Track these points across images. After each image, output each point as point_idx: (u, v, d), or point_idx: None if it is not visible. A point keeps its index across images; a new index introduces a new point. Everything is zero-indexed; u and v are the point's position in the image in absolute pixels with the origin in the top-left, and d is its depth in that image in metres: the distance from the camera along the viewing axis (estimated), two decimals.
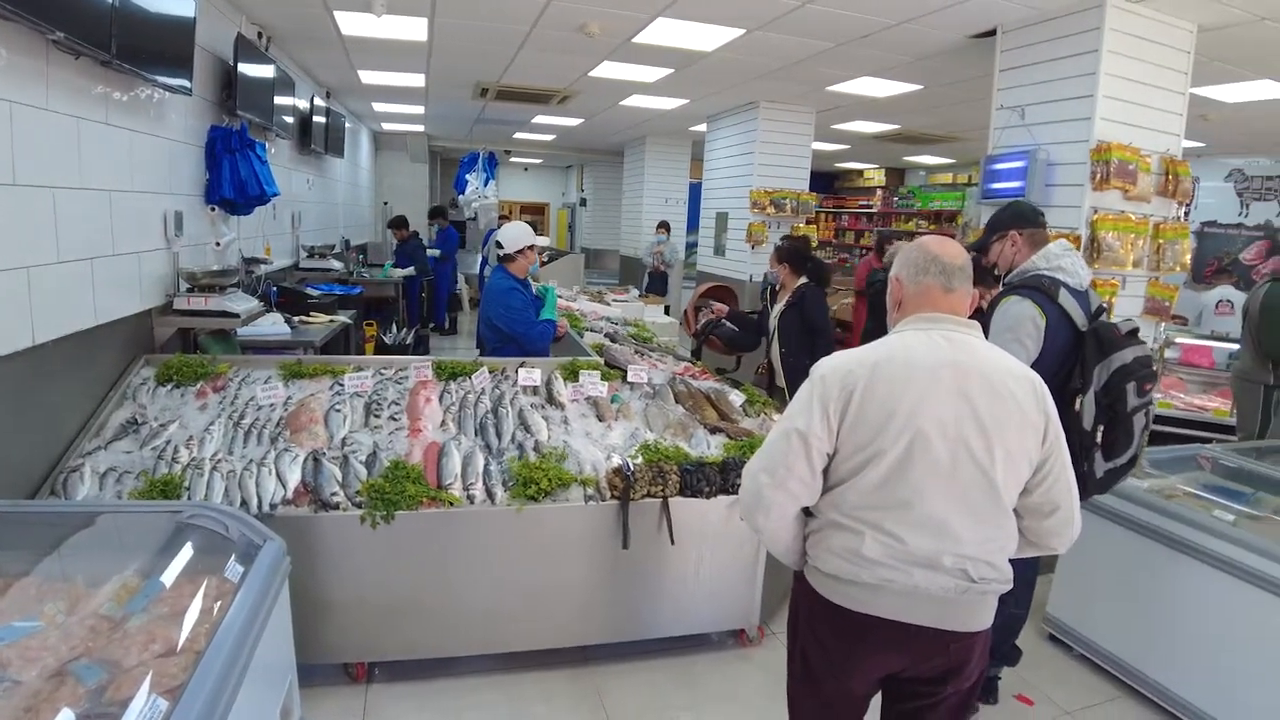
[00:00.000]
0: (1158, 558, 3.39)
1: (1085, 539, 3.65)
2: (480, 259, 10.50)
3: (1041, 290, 2.83)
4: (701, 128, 10.10)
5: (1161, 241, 4.57)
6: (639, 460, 3.24)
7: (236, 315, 4.19)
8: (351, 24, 5.92)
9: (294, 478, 2.96)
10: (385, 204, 13.94)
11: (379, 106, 10.54)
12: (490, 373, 3.83)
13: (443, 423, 3.44)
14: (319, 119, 7.76)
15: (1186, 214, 9.65)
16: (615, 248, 14.70)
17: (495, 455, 3.25)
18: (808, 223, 8.62)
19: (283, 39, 6.40)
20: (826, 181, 16.99)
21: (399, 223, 10.21)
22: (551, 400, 3.68)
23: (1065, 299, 2.81)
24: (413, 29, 6.01)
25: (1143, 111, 4.48)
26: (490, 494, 3.05)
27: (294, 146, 7.25)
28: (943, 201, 13.82)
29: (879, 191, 15.60)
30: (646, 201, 12.51)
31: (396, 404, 3.53)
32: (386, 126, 12.90)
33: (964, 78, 6.24)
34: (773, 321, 4.77)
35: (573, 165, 18.35)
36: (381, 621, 3.02)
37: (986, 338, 1.98)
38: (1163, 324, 4.88)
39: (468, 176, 10.99)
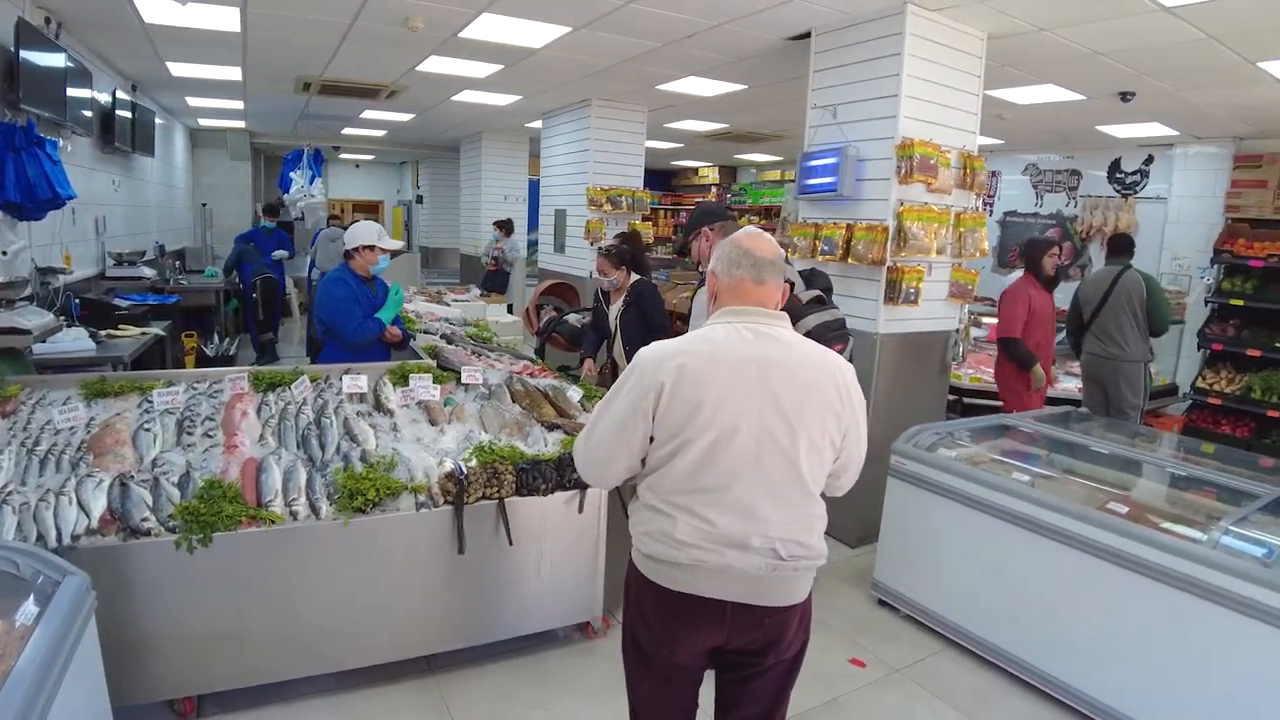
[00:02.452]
0: (966, 520, 3.71)
1: (903, 507, 3.98)
2: (309, 261, 10.06)
3: None
4: (538, 124, 10.05)
5: (962, 230, 4.92)
6: (473, 463, 3.20)
7: (28, 331, 3.85)
8: (154, 11, 5.48)
9: (99, 505, 2.73)
10: (204, 205, 13.09)
11: (194, 101, 9.85)
12: (312, 381, 3.69)
13: (261, 437, 3.28)
14: (124, 114, 7.20)
15: (990, 208, 10.53)
16: (455, 246, 14.41)
17: (319, 468, 3.12)
18: (644, 219, 8.75)
19: (76, 26, 5.87)
20: (664, 179, 17.30)
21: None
22: (379, 407, 3.58)
23: None
24: (224, 19, 5.64)
25: (942, 111, 4.80)
26: (315, 509, 2.93)
27: (95, 144, 6.70)
28: (772, 197, 14.38)
29: (713, 189, 16.03)
30: (485, 198, 12.34)
31: (211, 419, 3.33)
32: (204, 122, 12.07)
33: (783, 78, 6.47)
34: (613, 321, 4.83)
35: (407, 161, 17.83)
36: (207, 651, 2.85)
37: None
38: (966, 305, 5.27)
39: (292, 175, 10.48)
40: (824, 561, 2.03)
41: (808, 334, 2.93)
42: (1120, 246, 6.15)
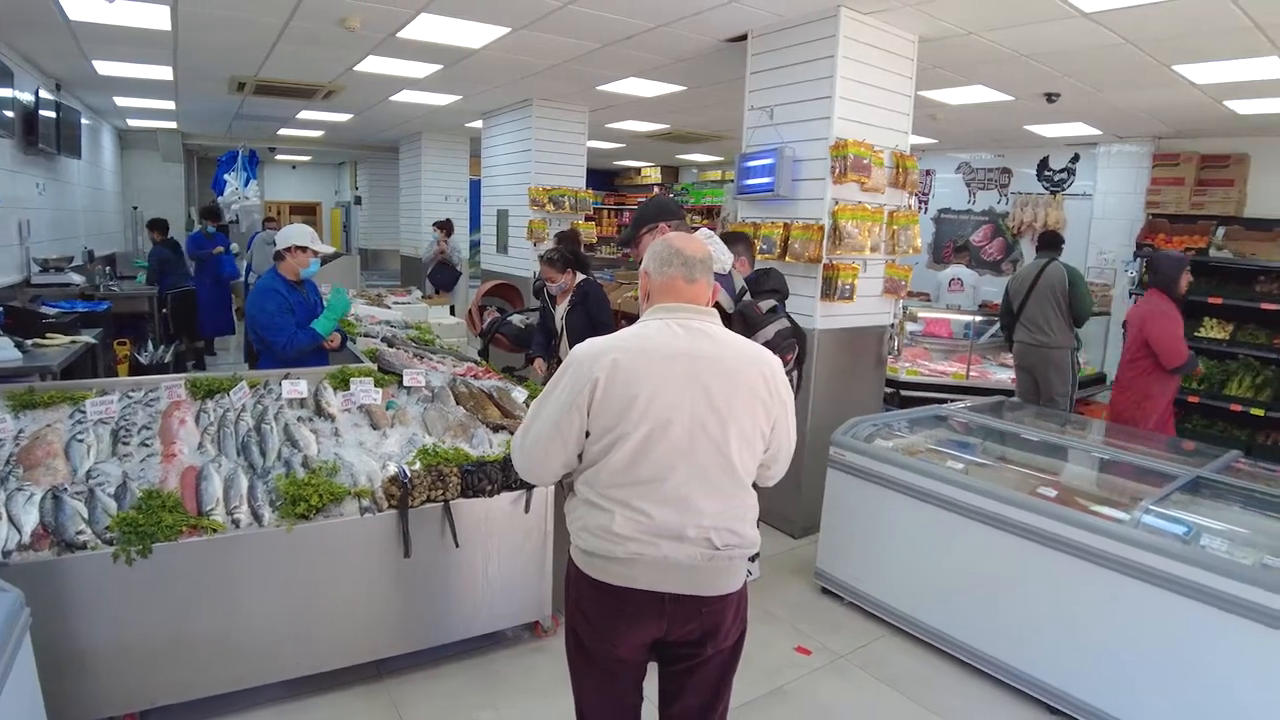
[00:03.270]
0: (903, 507, 3.83)
1: (843, 497, 4.08)
2: (245, 266, 9.86)
3: None
4: (479, 124, 9.99)
5: (895, 228, 5.05)
6: (417, 466, 3.20)
7: None
8: (79, 8, 5.33)
9: (30, 520, 2.66)
10: (135, 208, 12.72)
11: (122, 101, 9.57)
12: (251, 387, 3.63)
13: (200, 445, 3.23)
14: (47, 114, 6.98)
15: (925, 205, 10.79)
16: (395, 247, 14.22)
17: (261, 475, 3.09)
18: (587, 219, 8.77)
19: None
20: (606, 179, 17.32)
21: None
22: (320, 412, 3.55)
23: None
24: (153, 16, 5.49)
25: (875, 112, 4.91)
26: (257, 516, 2.90)
27: (17, 146, 6.49)
28: (713, 197, 14.52)
29: (656, 189, 16.09)
30: (426, 199, 12.22)
31: (148, 428, 3.26)
32: (133, 123, 11.72)
33: (722, 79, 6.55)
34: (560, 322, 4.84)
35: (345, 162, 17.54)
36: (149, 665, 2.80)
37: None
38: (900, 300, 5.41)
39: (226, 176, 10.25)
40: (756, 550, 2.09)
41: (767, 344, 2.98)
42: (1047, 241, 6.39)
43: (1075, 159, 9.33)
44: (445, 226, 10.50)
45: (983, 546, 3.52)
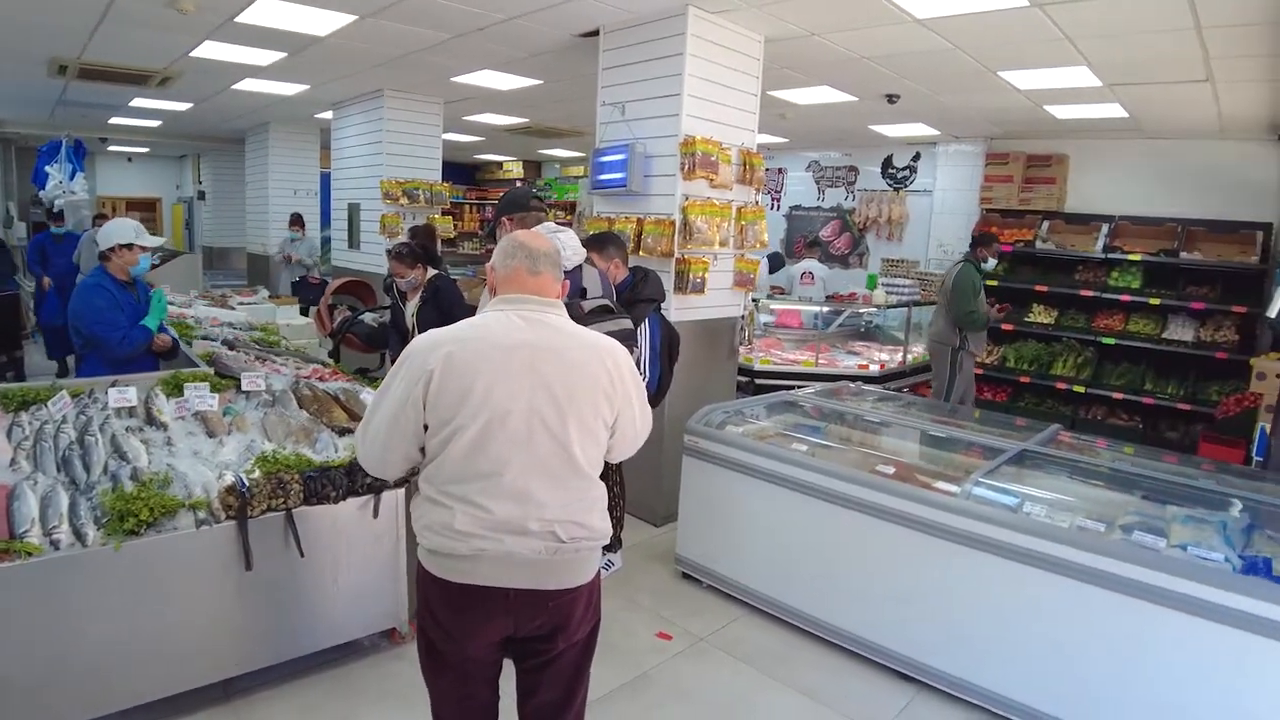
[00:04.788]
0: (754, 490, 3.96)
1: (698, 483, 4.17)
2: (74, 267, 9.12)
3: None
4: (329, 115, 9.62)
5: (744, 223, 5.20)
6: (256, 474, 3.04)
7: None
8: None
9: None
10: None
11: None
12: (73, 397, 3.37)
13: (13, 461, 2.96)
14: None
15: (778, 202, 11.16)
16: (242, 245, 13.49)
17: (84, 491, 2.86)
18: (444, 213, 8.58)
19: None
20: (467, 173, 17.03)
21: None
22: (152, 420, 3.33)
23: None
24: None
25: (723, 110, 5.04)
26: (80, 536, 2.68)
27: None
28: (575, 193, 14.55)
29: (518, 183, 15.94)
30: (273, 193, 11.63)
31: None
32: None
33: (577, 74, 6.54)
34: (410, 319, 4.71)
35: (187, 155, 16.49)
36: None
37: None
38: (749, 293, 5.58)
39: (48, 169, 9.40)
40: (606, 541, 2.10)
41: None
42: (970, 241, 6.80)
43: (916, 157, 9.87)
44: (299, 221, 10.06)
45: (828, 524, 3.68)
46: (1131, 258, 7.59)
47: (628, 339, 3.52)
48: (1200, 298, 7.21)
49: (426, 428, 1.94)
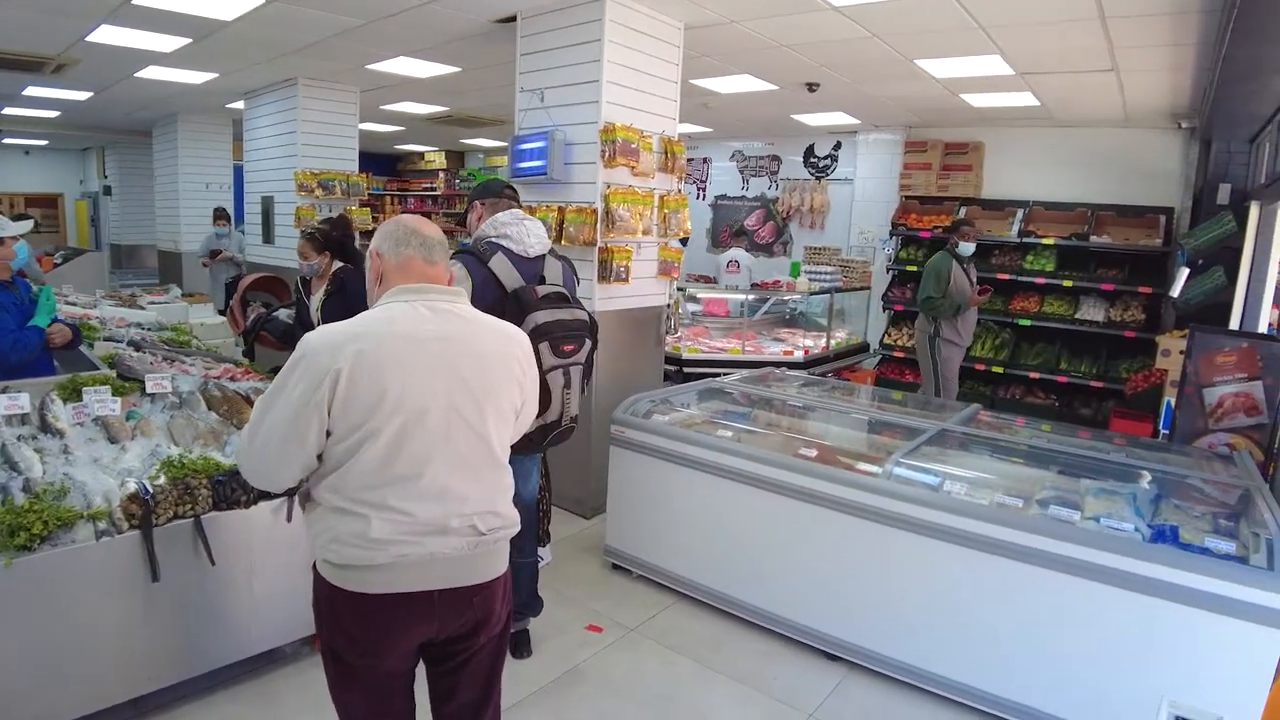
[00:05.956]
0: (681, 478, 3.96)
1: (625, 472, 4.14)
2: None
3: (475, 254, 3.09)
4: (240, 105, 9.27)
5: (666, 211, 5.19)
6: (161, 480, 2.90)
7: None
8: None
9: None
10: None
11: None
12: None
13: None
14: None
15: (703, 192, 11.21)
16: (152, 242, 12.91)
17: None
18: (363, 205, 8.36)
19: None
20: (389, 164, 16.67)
21: None
22: (47, 428, 3.13)
23: (498, 262, 3.08)
24: None
25: (643, 97, 5.00)
26: None
27: None
28: None
29: (441, 174, 15.68)
30: (184, 187, 11.15)
31: None
32: None
33: (496, 61, 6.42)
34: (314, 313, 4.52)
35: (91, 148, 15.76)
36: None
37: None
38: (674, 281, 5.58)
39: None
40: (517, 528, 2.05)
41: (538, 328, 2.91)
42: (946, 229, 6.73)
43: (838, 146, 9.99)
44: (224, 216, 9.68)
45: (755, 509, 3.71)
46: (1045, 242, 7.83)
47: (585, 329, 3.31)
48: (1110, 279, 7.48)
49: (329, 433, 1.81)
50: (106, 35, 6.24)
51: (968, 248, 6.35)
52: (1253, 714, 2.56)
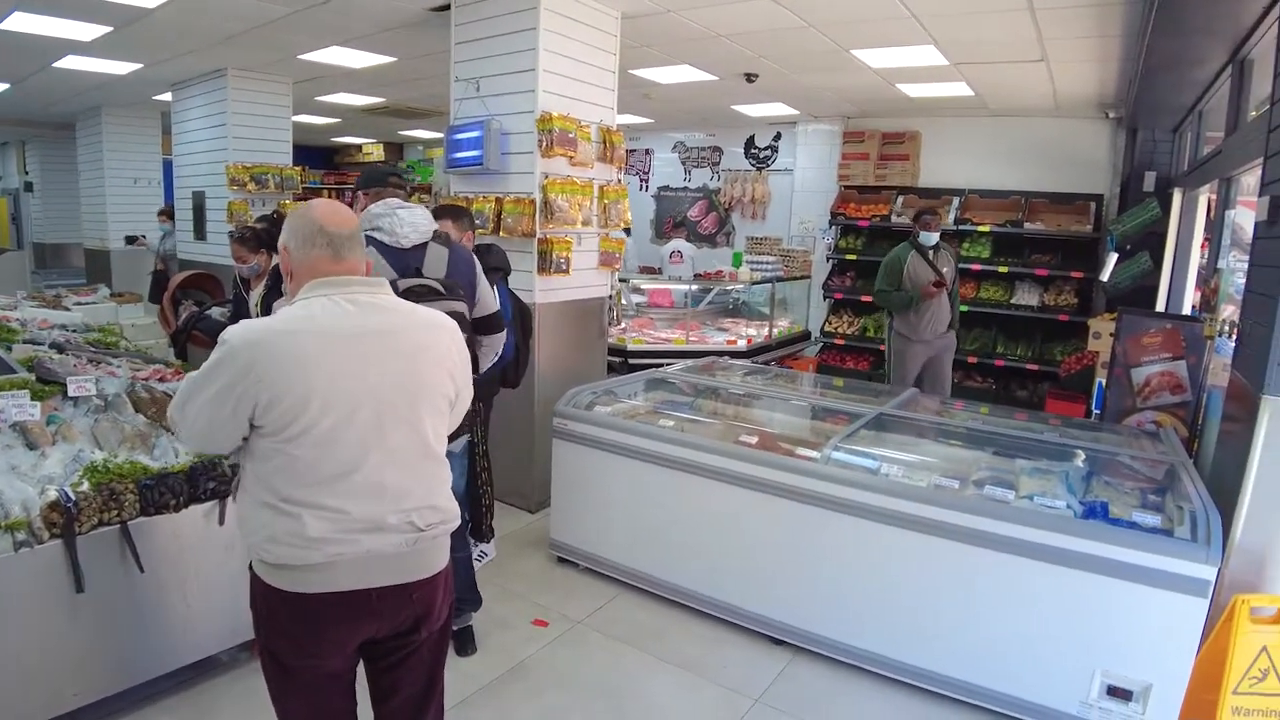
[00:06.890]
0: (623, 468, 3.97)
1: (569, 464, 4.12)
2: None
3: None
4: (168, 97, 8.97)
5: (606, 202, 5.16)
6: (84, 486, 2.79)
7: None
8: None
9: None
10: None
11: None
12: None
13: None
14: None
15: (646, 183, 11.20)
16: (78, 240, 12.41)
17: None
18: (296, 199, 8.16)
19: None
20: (325, 156, 16.32)
21: None
22: None
23: (369, 255, 3.03)
24: None
25: (580, 86, 4.95)
26: None
27: None
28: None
29: (379, 166, 15.43)
30: (110, 183, 10.72)
31: None
32: None
33: (431, 51, 6.32)
34: (254, 310, 4.42)
35: (10, 142, 15.11)
36: None
37: None
38: (615, 272, 5.56)
39: None
40: (458, 522, 2.02)
41: None
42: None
43: (778, 137, 10.08)
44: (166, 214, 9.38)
45: (697, 497, 3.72)
46: (981, 229, 7.99)
47: (459, 322, 3.34)
48: (1043, 265, 7.68)
49: (260, 428, 1.77)
50: (20, 22, 5.98)
51: (929, 237, 6.10)
52: (1180, 680, 2.65)
